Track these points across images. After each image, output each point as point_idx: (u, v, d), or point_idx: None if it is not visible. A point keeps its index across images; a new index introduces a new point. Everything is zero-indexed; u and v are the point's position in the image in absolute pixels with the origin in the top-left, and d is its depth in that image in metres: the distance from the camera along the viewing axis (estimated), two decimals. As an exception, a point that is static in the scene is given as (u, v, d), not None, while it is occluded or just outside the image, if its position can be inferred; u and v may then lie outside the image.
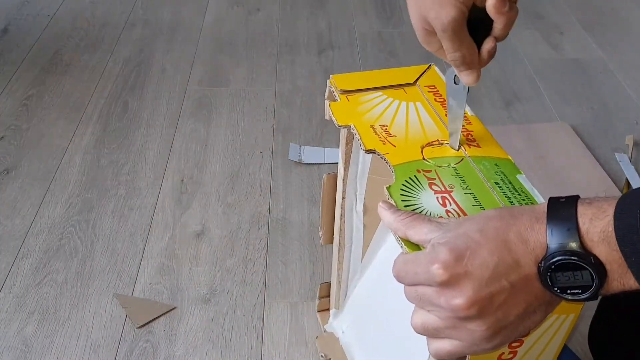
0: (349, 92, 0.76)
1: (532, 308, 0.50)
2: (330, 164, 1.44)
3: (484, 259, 0.48)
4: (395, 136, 0.69)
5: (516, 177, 0.63)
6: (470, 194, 0.61)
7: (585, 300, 0.48)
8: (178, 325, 1.10)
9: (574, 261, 0.47)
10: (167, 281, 1.17)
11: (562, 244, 0.47)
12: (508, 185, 0.62)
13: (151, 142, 1.50)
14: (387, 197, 0.60)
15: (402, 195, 0.60)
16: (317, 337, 1.06)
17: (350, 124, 0.71)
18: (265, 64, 1.79)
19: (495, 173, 0.64)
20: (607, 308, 0.87)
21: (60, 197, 1.34)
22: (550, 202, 0.49)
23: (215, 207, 1.33)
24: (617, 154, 1.47)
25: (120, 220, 1.29)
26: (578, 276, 0.47)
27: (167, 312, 1.12)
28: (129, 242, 1.25)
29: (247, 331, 1.09)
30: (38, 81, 1.70)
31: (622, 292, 0.48)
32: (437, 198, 0.60)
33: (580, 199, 0.48)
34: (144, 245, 1.24)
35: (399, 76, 0.78)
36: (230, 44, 1.89)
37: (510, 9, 0.56)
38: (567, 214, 0.47)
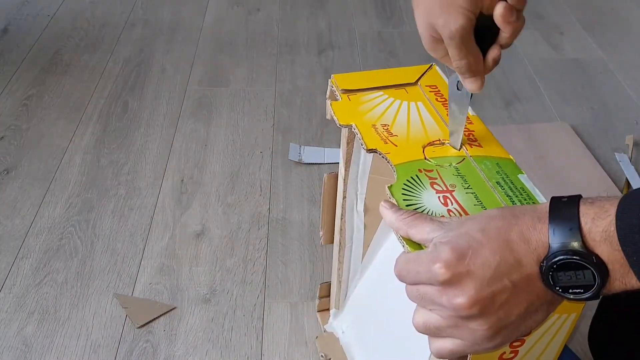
0: (351, 91, 0.76)
1: (534, 307, 0.50)
2: (330, 164, 1.44)
3: (485, 259, 0.48)
4: (396, 136, 0.69)
5: (518, 176, 0.63)
6: (472, 194, 0.61)
7: (587, 299, 0.48)
8: (178, 325, 1.10)
9: (576, 261, 0.47)
10: (167, 281, 1.17)
11: (564, 244, 0.47)
12: (509, 185, 0.62)
13: (151, 142, 1.50)
14: (389, 196, 0.60)
15: (403, 194, 0.60)
16: (317, 337, 1.06)
17: (351, 123, 0.71)
18: (265, 64, 1.79)
19: (497, 173, 0.64)
20: (608, 308, 0.87)
21: (60, 197, 1.34)
22: (552, 202, 0.49)
23: (215, 207, 1.33)
24: (617, 154, 1.47)
25: (120, 220, 1.29)
26: (580, 276, 0.47)
27: (167, 312, 1.12)
28: (129, 242, 1.24)
29: (247, 331, 1.09)
30: (38, 81, 1.70)
31: (624, 291, 0.48)
32: (438, 197, 0.60)
33: (582, 199, 0.48)
34: (144, 245, 1.24)
35: (400, 76, 0.78)
36: (230, 44, 1.89)
37: (517, 19, 0.56)
38: (569, 214, 0.47)
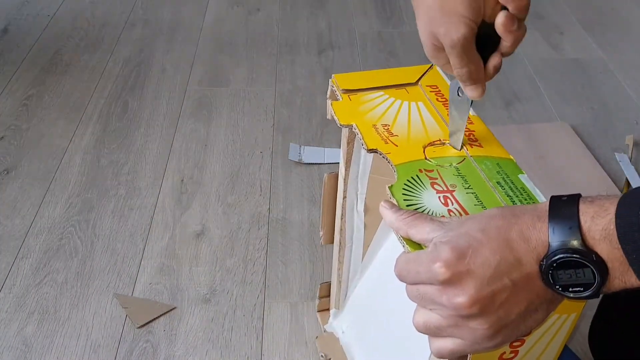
0: (351, 91, 0.76)
1: (534, 306, 0.50)
2: (330, 164, 1.44)
3: (485, 258, 0.48)
4: (397, 136, 0.69)
5: (518, 176, 0.63)
6: (472, 194, 0.61)
7: (587, 298, 0.48)
8: (178, 325, 1.10)
9: (576, 259, 0.47)
10: (167, 281, 1.17)
11: (564, 242, 0.47)
12: (510, 185, 0.62)
13: (151, 142, 1.50)
14: (389, 196, 0.60)
15: (404, 194, 0.60)
16: (317, 337, 1.06)
17: (352, 123, 0.71)
18: (265, 64, 1.79)
19: (497, 173, 0.64)
20: (608, 308, 0.87)
21: (60, 197, 1.34)
22: (552, 201, 0.49)
23: (215, 207, 1.33)
24: (617, 154, 1.47)
25: (120, 220, 1.29)
26: (580, 274, 0.47)
27: (167, 312, 1.12)
28: (129, 242, 1.24)
29: (247, 331, 1.09)
30: (38, 81, 1.70)
31: (624, 290, 0.48)
32: (439, 197, 0.60)
33: (582, 198, 0.48)
34: (144, 245, 1.24)
35: (401, 76, 0.78)
36: (230, 44, 1.89)
37: (518, 28, 0.56)
38: (569, 212, 0.47)
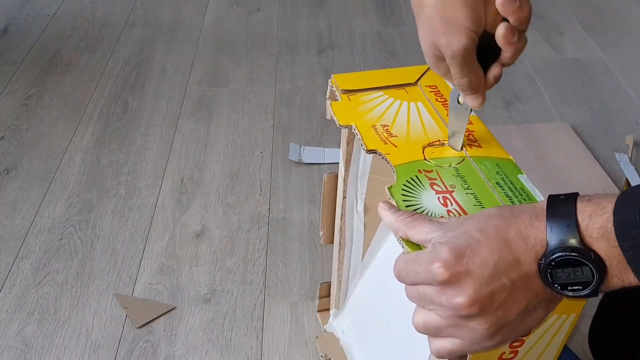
0: (351, 91, 0.76)
1: (533, 306, 0.50)
2: (330, 164, 1.44)
3: (484, 258, 0.48)
4: (396, 136, 0.69)
5: (517, 177, 0.63)
6: (472, 194, 0.61)
7: (585, 296, 0.49)
8: (178, 325, 1.10)
9: (574, 257, 0.47)
10: (167, 281, 1.17)
11: (562, 241, 0.47)
12: (509, 185, 0.62)
13: (151, 142, 1.50)
14: (389, 197, 0.60)
15: (403, 195, 0.60)
16: (317, 337, 1.06)
17: (351, 123, 0.71)
18: (265, 64, 1.79)
19: (497, 173, 0.64)
20: (607, 308, 0.87)
21: (60, 197, 1.34)
22: (550, 200, 0.49)
23: (215, 207, 1.33)
24: (617, 154, 1.47)
25: (120, 220, 1.29)
26: (578, 272, 0.47)
27: (167, 312, 1.12)
28: (129, 242, 1.24)
29: (247, 331, 1.09)
30: (38, 81, 1.70)
31: (622, 288, 0.48)
32: (438, 198, 0.60)
33: (579, 196, 0.49)
34: (144, 245, 1.24)
35: (400, 76, 0.78)
36: (230, 44, 1.89)
37: (519, 40, 0.56)
38: (567, 211, 0.48)
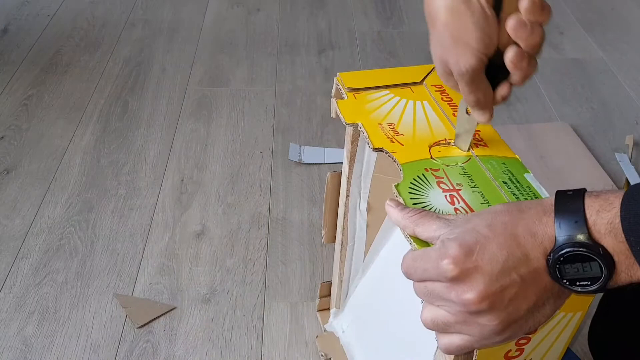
0: (357, 90, 0.76)
1: (542, 301, 0.50)
2: (330, 163, 1.44)
3: (493, 254, 0.48)
4: (402, 135, 0.69)
5: (524, 175, 0.63)
6: (478, 193, 0.61)
7: (594, 292, 0.49)
8: (178, 325, 1.09)
9: (583, 252, 0.47)
10: (167, 281, 1.17)
11: (570, 236, 0.47)
12: (516, 184, 0.62)
13: (151, 142, 1.50)
14: (396, 195, 0.60)
15: (410, 193, 0.60)
16: (317, 336, 1.06)
17: (357, 122, 0.71)
18: (265, 64, 1.79)
19: (503, 172, 0.64)
20: (608, 308, 0.87)
21: (60, 197, 1.34)
22: (558, 195, 0.49)
23: (215, 207, 1.33)
24: (617, 154, 1.47)
25: (120, 220, 1.29)
26: (587, 268, 0.47)
27: (167, 312, 1.11)
28: (129, 242, 1.24)
29: (247, 331, 1.09)
30: (38, 81, 1.69)
31: (630, 283, 0.48)
32: (445, 196, 0.60)
33: (587, 192, 0.49)
34: (144, 245, 1.24)
35: (406, 75, 0.78)
36: (230, 44, 1.88)
37: (528, 64, 0.56)
38: (575, 207, 0.48)
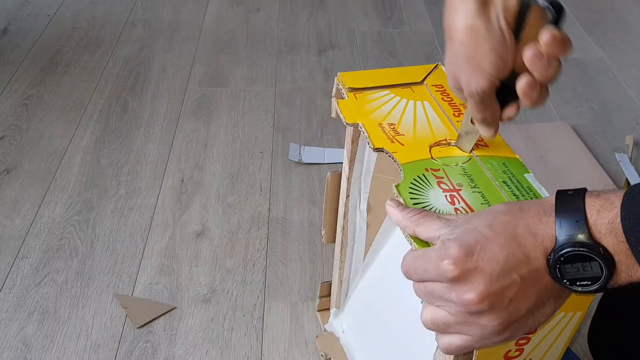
0: (357, 90, 0.76)
1: (542, 301, 0.50)
2: (330, 163, 1.44)
3: (493, 254, 0.48)
4: (403, 135, 0.69)
5: (524, 175, 0.63)
6: (479, 193, 0.61)
7: (594, 292, 0.49)
8: (178, 325, 1.09)
9: (583, 252, 0.47)
10: (167, 281, 1.17)
11: (571, 236, 0.47)
12: (516, 184, 0.62)
13: (151, 142, 1.50)
14: (396, 195, 0.60)
15: (410, 193, 0.60)
16: (317, 336, 1.06)
17: (358, 122, 0.71)
18: (265, 64, 1.79)
19: (503, 172, 0.64)
20: (607, 308, 0.87)
21: (60, 197, 1.34)
22: (558, 195, 0.49)
23: (215, 207, 1.33)
24: (617, 154, 1.47)
25: (120, 220, 1.29)
26: (587, 267, 0.47)
27: (167, 312, 1.11)
28: (129, 242, 1.24)
29: (247, 331, 1.09)
30: (38, 81, 1.69)
31: (631, 283, 0.48)
32: (445, 196, 0.60)
33: (588, 191, 0.49)
34: (144, 245, 1.24)
35: (407, 75, 0.78)
36: (230, 43, 1.88)
37: (539, 95, 0.55)
38: (575, 206, 0.48)
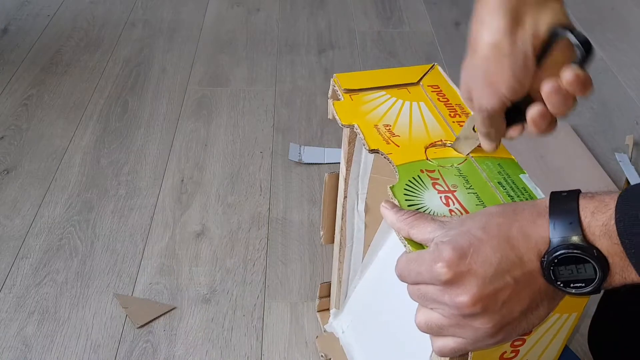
0: (353, 91, 0.76)
1: (536, 303, 0.50)
2: (330, 163, 1.44)
3: (487, 256, 0.48)
4: (398, 136, 0.69)
5: (519, 176, 0.63)
6: (474, 194, 0.61)
7: (588, 294, 0.48)
8: (178, 325, 1.10)
9: (577, 254, 0.47)
10: (167, 281, 1.17)
11: (565, 238, 0.47)
12: (511, 185, 0.62)
13: (151, 142, 1.50)
14: (391, 196, 0.60)
15: (405, 195, 0.60)
16: (317, 337, 1.06)
17: (353, 123, 0.71)
18: (265, 64, 1.79)
19: (499, 173, 0.64)
20: (607, 308, 0.87)
21: (60, 197, 1.34)
22: (552, 197, 0.49)
23: (215, 207, 1.33)
24: (617, 154, 1.47)
25: (120, 220, 1.29)
26: (581, 269, 0.47)
27: (167, 312, 1.11)
28: (129, 242, 1.24)
29: (247, 331, 1.09)
30: (38, 81, 1.70)
31: (624, 285, 0.48)
32: (440, 198, 0.60)
33: (582, 193, 0.49)
34: (144, 245, 1.24)
35: (403, 76, 0.78)
36: (230, 43, 1.89)
37: (548, 125, 0.56)
38: (569, 208, 0.47)
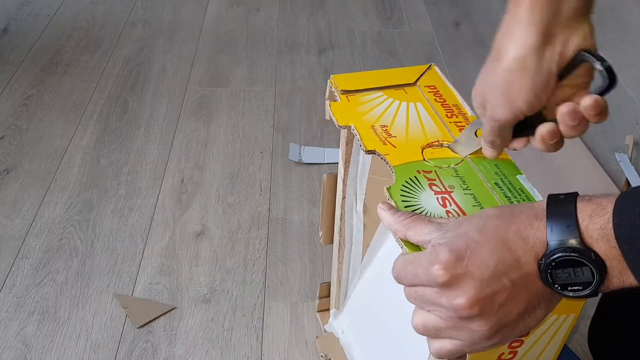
0: (350, 92, 0.76)
1: (533, 306, 0.50)
2: (330, 164, 1.44)
3: (484, 259, 0.48)
4: (395, 137, 0.69)
5: (516, 177, 0.63)
6: (471, 195, 0.61)
7: (586, 297, 0.48)
8: (178, 325, 1.10)
9: (574, 258, 0.46)
10: (167, 281, 1.17)
11: (562, 241, 0.47)
12: (508, 186, 0.62)
13: (151, 142, 1.50)
14: (388, 197, 0.60)
15: (402, 196, 0.60)
16: (317, 337, 1.06)
17: (350, 124, 0.71)
18: (265, 64, 1.79)
19: (495, 174, 0.64)
20: (607, 309, 0.87)
21: (60, 197, 1.34)
22: (550, 199, 0.49)
23: (215, 207, 1.33)
24: (617, 154, 1.47)
25: (120, 220, 1.29)
26: (578, 273, 0.47)
27: (167, 312, 1.12)
28: (129, 242, 1.25)
29: (247, 331, 1.09)
30: (38, 81, 1.70)
31: (622, 288, 0.48)
32: (437, 198, 0.60)
33: (579, 196, 0.48)
34: (144, 245, 1.24)
35: (400, 76, 0.78)
36: (230, 43, 1.89)
37: (555, 144, 0.57)
38: (567, 211, 0.47)
